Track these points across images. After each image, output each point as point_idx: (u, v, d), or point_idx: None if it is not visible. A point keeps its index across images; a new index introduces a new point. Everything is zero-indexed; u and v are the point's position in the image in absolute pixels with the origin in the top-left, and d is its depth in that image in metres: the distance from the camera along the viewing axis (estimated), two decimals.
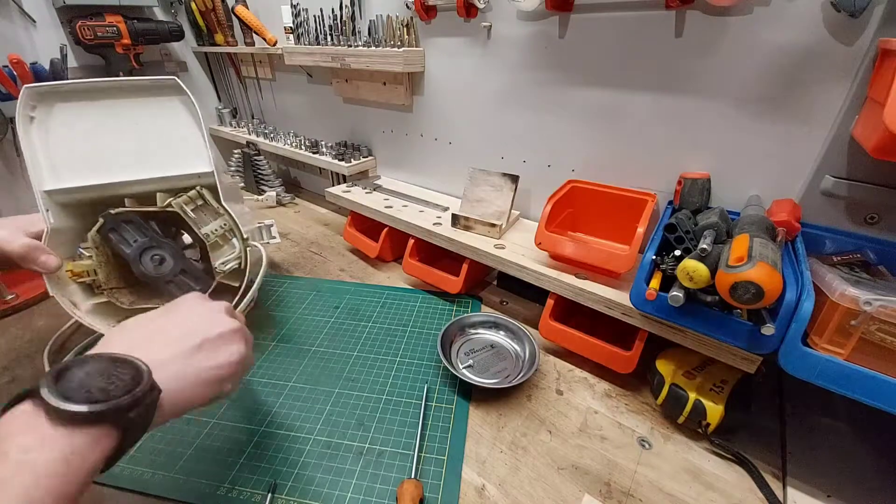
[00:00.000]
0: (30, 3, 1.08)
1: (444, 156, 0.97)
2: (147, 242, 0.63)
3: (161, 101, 0.61)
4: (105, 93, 0.59)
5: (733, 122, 0.59)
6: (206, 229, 0.63)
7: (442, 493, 0.48)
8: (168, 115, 0.61)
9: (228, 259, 0.64)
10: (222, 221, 0.64)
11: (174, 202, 0.61)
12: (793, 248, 0.52)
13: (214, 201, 0.64)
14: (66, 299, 0.60)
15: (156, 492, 0.48)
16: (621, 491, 0.48)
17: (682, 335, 0.55)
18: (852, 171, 0.52)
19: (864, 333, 0.40)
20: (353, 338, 0.72)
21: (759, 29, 0.53)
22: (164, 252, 0.64)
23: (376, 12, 0.88)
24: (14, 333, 0.74)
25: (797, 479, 0.49)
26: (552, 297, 0.68)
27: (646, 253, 0.54)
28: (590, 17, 0.66)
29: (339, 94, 1.12)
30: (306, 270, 0.94)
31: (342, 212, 1.17)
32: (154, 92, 0.60)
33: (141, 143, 0.60)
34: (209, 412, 0.58)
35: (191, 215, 0.62)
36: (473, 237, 0.79)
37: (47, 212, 0.57)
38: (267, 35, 1.11)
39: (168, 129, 0.61)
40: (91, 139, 0.59)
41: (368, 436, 0.54)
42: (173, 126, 0.61)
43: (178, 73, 1.40)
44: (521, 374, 0.61)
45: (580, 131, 0.74)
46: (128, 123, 0.60)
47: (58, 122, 0.57)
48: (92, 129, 0.58)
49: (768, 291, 0.40)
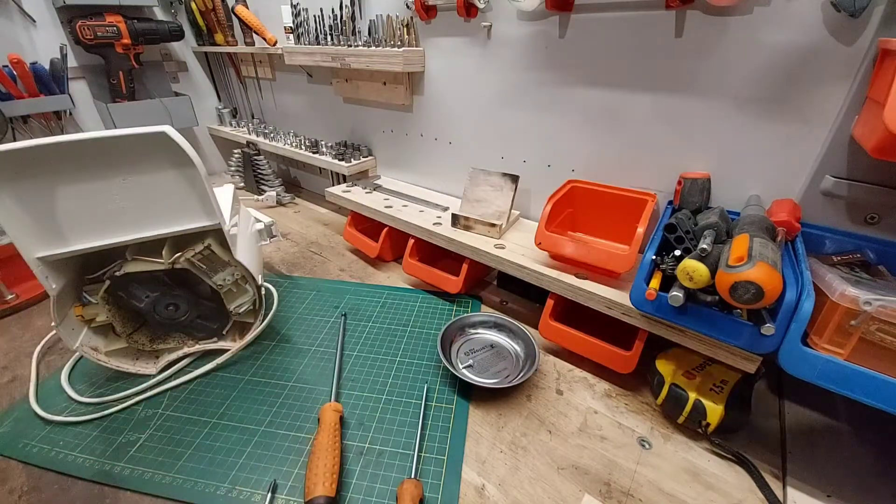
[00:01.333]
0: (30, 3, 1.08)
1: (444, 156, 0.97)
2: (158, 297, 0.62)
3: (152, 155, 0.51)
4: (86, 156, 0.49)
5: (733, 122, 0.59)
6: (217, 279, 0.61)
7: (442, 492, 0.48)
8: (161, 171, 0.52)
9: (243, 302, 0.64)
10: (233, 270, 0.62)
11: (183, 259, 0.58)
12: (793, 248, 0.52)
13: (224, 253, 0.60)
14: (87, 347, 0.59)
15: (156, 492, 0.48)
16: (621, 491, 0.48)
17: (682, 335, 0.55)
18: (852, 171, 0.52)
19: (864, 333, 0.40)
20: (353, 338, 0.72)
21: (760, 29, 0.53)
22: (177, 301, 0.64)
23: (376, 12, 0.88)
24: (14, 333, 0.74)
25: (797, 479, 0.49)
26: (552, 297, 0.68)
27: (646, 253, 0.54)
28: (590, 17, 0.66)
29: (339, 93, 1.12)
30: (306, 270, 0.94)
31: (342, 212, 1.17)
32: (143, 146, 0.50)
33: (136, 201, 0.53)
34: (209, 412, 0.58)
35: (201, 267, 0.60)
36: (473, 237, 0.79)
37: (47, 279, 0.52)
38: (267, 35, 1.11)
39: (162, 184, 0.53)
40: (81, 204, 0.51)
41: (368, 436, 0.54)
42: (167, 181, 0.53)
43: (177, 73, 1.40)
44: (521, 374, 0.61)
45: (580, 131, 0.74)
46: (120, 188, 0.52)
47: (37, 190, 0.48)
48: (80, 195, 0.50)
49: (768, 291, 0.40)
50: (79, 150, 0.48)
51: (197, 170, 0.52)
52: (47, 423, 0.56)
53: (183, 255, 0.58)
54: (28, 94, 1.05)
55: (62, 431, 0.55)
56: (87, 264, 0.58)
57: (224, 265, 0.62)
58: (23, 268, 0.51)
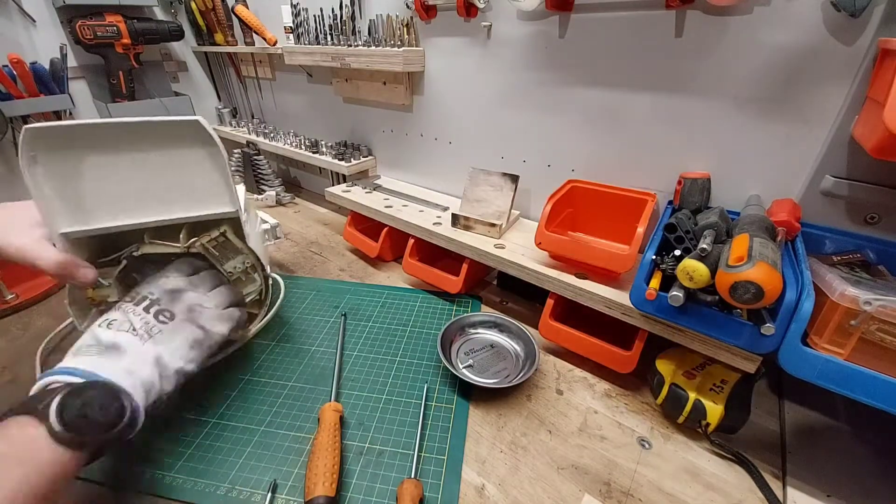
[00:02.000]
0: (30, 3, 1.08)
1: (444, 155, 0.97)
2: None
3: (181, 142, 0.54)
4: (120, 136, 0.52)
5: (733, 122, 0.59)
6: (228, 266, 0.62)
7: (442, 492, 0.48)
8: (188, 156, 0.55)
9: (251, 292, 0.64)
10: (245, 258, 0.63)
11: (198, 244, 0.59)
12: (793, 248, 0.52)
13: (238, 241, 0.62)
14: None
15: (156, 492, 0.48)
16: (621, 491, 0.48)
17: (682, 335, 0.55)
18: (852, 171, 0.52)
19: (864, 333, 0.40)
20: (353, 338, 0.72)
21: (760, 29, 0.53)
22: None
23: (376, 12, 0.88)
24: (14, 333, 0.74)
25: (797, 479, 0.49)
26: (552, 296, 0.68)
27: (646, 253, 0.54)
28: (590, 17, 0.66)
29: (339, 93, 1.12)
30: (306, 270, 0.94)
31: (342, 212, 1.17)
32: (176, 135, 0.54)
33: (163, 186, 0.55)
34: (209, 412, 0.58)
35: (214, 254, 0.60)
36: (473, 237, 0.79)
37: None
38: (267, 35, 1.11)
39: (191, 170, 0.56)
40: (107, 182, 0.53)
41: (368, 436, 0.54)
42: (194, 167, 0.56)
43: (177, 72, 1.40)
44: (520, 374, 0.61)
45: (580, 131, 0.74)
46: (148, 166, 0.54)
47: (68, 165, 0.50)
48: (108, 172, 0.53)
49: (768, 291, 0.40)
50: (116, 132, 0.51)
51: (223, 157, 0.55)
52: None
53: (199, 239, 0.59)
54: (28, 93, 1.05)
55: None
56: (102, 248, 0.59)
57: (236, 253, 0.62)
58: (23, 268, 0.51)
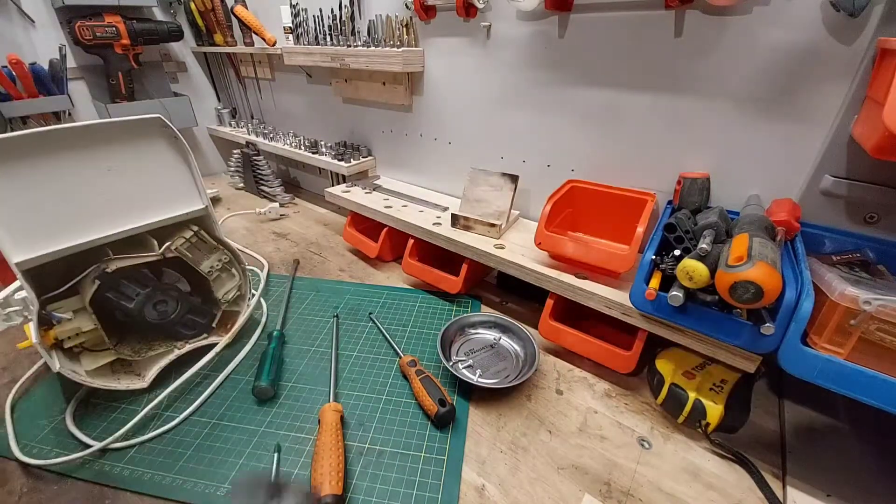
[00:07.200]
0: (29, 4, 1.08)
1: (444, 156, 0.97)
2: (150, 293, 0.58)
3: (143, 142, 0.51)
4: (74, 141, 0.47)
5: (733, 122, 0.59)
6: (205, 265, 0.60)
7: (442, 492, 0.48)
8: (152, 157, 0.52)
9: (231, 288, 0.63)
10: (220, 254, 0.61)
11: (174, 248, 0.56)
12: (792, 248, 0.52)
13: (211, 238, 0.60)
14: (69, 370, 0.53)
15: (156, 492, 0.48)
16: (621, 490, 0.48)
17: (681, 335, 0.55)
18: (852, 171, 0.52)
19: (864, 333, 0.40)
20: (353, 338, 0.72)
21: (759, 29, 0.53)
22: (167, 297, 0.60)
23: (376, 12, 0.88)
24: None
25: (797, 479, 0.49)
26: (552, 296, 0.68)
27: (645, 253, 0.54)
28: (589, 17, 0.66)
29: (339, 94, 1.12)
30: (306, 270, 0.94)
31: (342, 212, 1.17)
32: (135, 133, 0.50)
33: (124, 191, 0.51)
34: (209, 412, 0.58)
35: (189, 256, 0.58)
36: (473, 237, 0.79)
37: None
38: (266, 35, 1.11)
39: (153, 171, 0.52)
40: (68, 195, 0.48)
41: (368, 436, 0.54)
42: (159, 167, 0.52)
43: (177, 73, 1.40)
44: (520, 374, 0.61)
45: (580, 131, 0.74)
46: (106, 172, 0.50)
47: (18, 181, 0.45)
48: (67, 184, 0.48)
49: (768, 291, 0.40)
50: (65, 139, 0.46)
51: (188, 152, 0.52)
52: (48, 424, 0.56)
53: (173, 243, 0.57)
54: (27, 94, 1.05)
55: (62, 432, 0.55)
56: (52, 277, 0.52)
57: (211, 250, 0.61)
58: None
